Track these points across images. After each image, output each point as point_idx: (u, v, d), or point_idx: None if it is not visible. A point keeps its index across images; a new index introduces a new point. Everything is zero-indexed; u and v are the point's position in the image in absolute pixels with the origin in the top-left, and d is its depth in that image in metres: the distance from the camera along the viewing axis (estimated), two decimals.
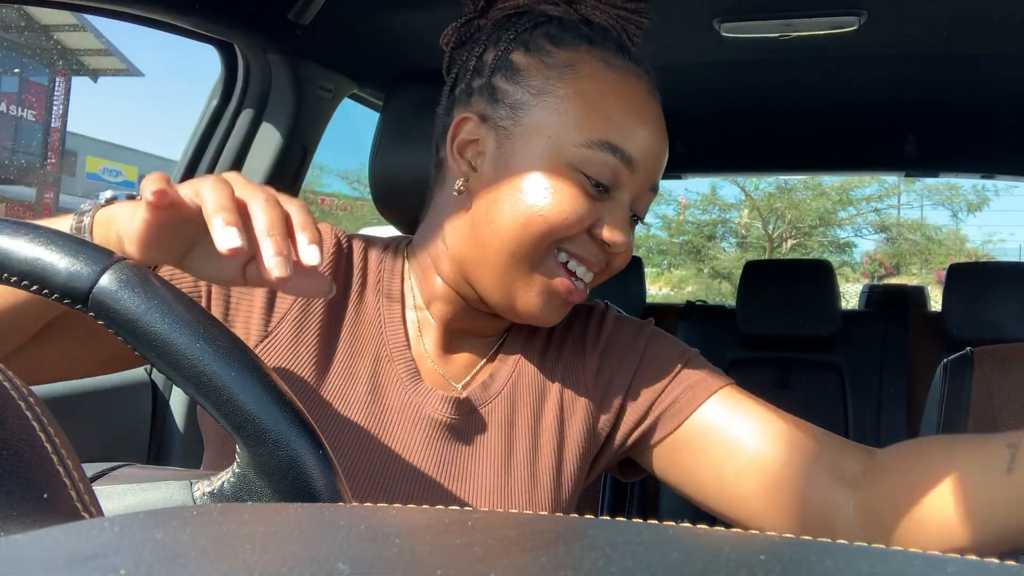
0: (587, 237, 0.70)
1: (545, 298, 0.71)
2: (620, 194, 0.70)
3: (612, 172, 0.68)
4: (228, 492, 0.44)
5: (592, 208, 0.69)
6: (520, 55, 0.71)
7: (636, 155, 0.69)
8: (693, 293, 14.62)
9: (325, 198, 14.99)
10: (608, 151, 0.68)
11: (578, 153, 0.68)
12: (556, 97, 0.69)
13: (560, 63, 0.70)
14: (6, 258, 0.41)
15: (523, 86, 0.70)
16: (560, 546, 0.23)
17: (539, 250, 0.69)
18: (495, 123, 0.71)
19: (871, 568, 0.21)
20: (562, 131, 0.68)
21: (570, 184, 0.68)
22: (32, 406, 0.33)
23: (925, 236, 15.32)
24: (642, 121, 0.70)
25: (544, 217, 0.67)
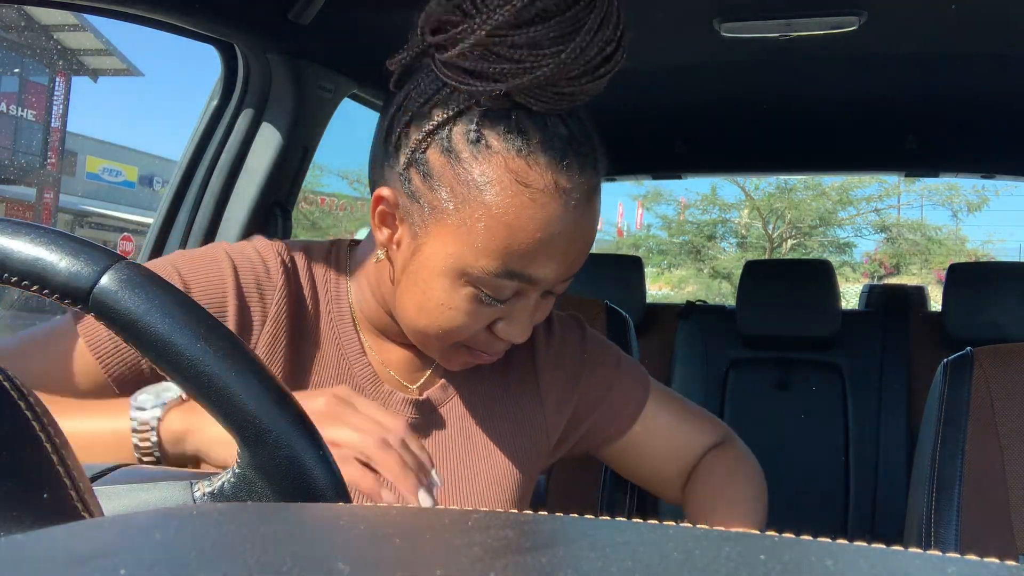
0: (485, 332, 0.72)
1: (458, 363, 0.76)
2: (521, 300, 0.70)
3: (512, 290, 0.68)
4: (228, 492, 0.44)
5: (488, 313, 0.70)
6: (436, 154, 0.66)
7: (538, 277, 0.67)
8: (693, 293, 14.61)
9: (325, 198, 14.98)
10: (507, 277, 0.66)
11: (477, 277, 0.66)
12: (460, 218, 0.65)
13: (471, 180, 0.64)
14: (6, 258, 0.41)
15: (435, 192, 0.66)
16: (560, 546, 0.23)
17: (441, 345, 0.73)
18: (409, 214, 0.69)
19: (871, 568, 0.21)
20: (463, 252, 0.66)
21: (467, 299, 0.68)
22: (32, 406, 0.33)
23: (925, 236, 15.30)
24: (548, 248, 0.66)
25: (439, 326, 0.70)
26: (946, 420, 1.11)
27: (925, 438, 1.15)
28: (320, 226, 14.64)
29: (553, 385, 0.86)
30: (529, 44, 0.61)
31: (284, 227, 1.55)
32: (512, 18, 0.60)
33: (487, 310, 0.69)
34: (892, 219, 15.52)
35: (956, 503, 1.07)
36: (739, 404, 2.55)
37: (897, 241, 15.71)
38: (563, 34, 0.61)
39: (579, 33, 0.61)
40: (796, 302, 2.46)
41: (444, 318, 0.69)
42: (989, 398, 1.10)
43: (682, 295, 14.64)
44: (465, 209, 0.65)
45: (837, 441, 2.45)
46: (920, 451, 1.18)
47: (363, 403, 0.61)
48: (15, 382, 0.34)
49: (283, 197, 1.55)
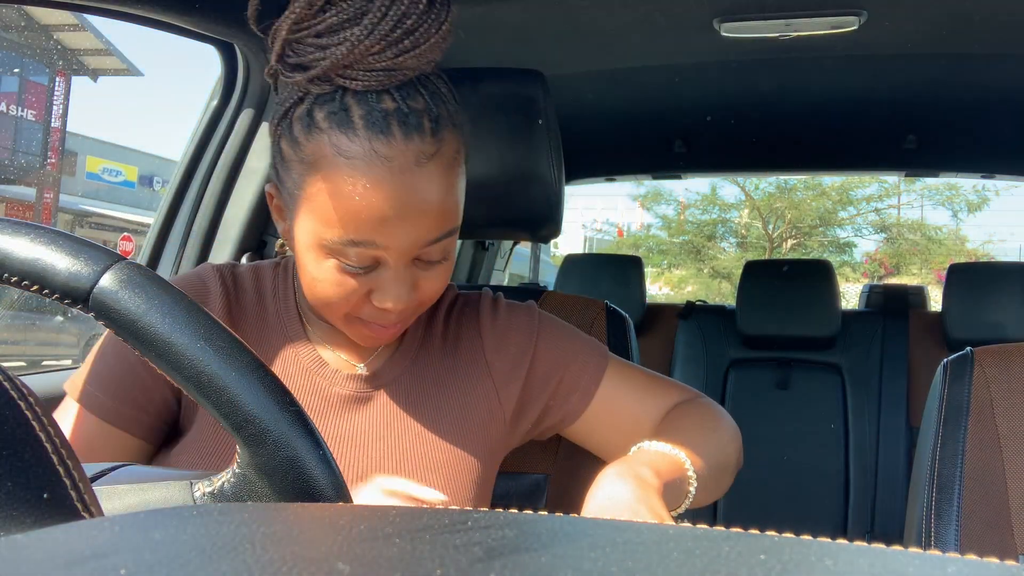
0: (368, 305, 0.75)
1: (360, 337, 0.79)
2: (385, 269, 0.73)
3: (366, 257, 0.72)
4: (228, 492, 0.44)
5: (359, 284, 0.73)
6: (285, 144, 0.73)
7: (382, 241, 0.70)
8: (693, 293, 14.62)
9: None
10: (355, 246, 0.70)
11: (330, 247, 0.71)
12: (306, 196, 0.72)
13: (306, 159, 0.71)
14: (7, 258, 0.41)
15: (289, 176, 0.73)
16: (560, 546, 0.23)
17: (331, 318, 0.77)
18: (284, 203, 0.77)
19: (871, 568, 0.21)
20: (315, 227, 0.72)
21: (332, 270, 0.73)
22: (32, 406, 0.33)
23: (925, 236, 15.30)
24: (380, 211, 0.69)
25: (318, 296, 0.75)
26: (946, 420, 1.11)
27: (925, 438, 1.15)
28: None
29: (502, 361, 0.89)
30: (328, 30, 0.68)
31: None
32: (307, 10, 0.68)
33: (355, 280, 0.73)
34: (892, 219, 15.52)
35: (956, 503, 1.07)
36: (739, 404, 2.55)
37: (897, 241, 15.71)
38: (354, 16, 0.67)
39: (368, 12, 0.67)
40: (796, 302, 2.46)
41: (319, 290, 0.74)
42: (989, 398, 1.10)
43: (682, 295, 14.65)
44: (307, 187, 0.71)
45: (837, 441, 2.45)
46: (920, 451, 1.18)
47: None
48: (15, 382, 0.34)
49: None
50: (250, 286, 0.86)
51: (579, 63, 1.61)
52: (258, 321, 0.85)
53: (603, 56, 1.67)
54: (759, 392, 2.53)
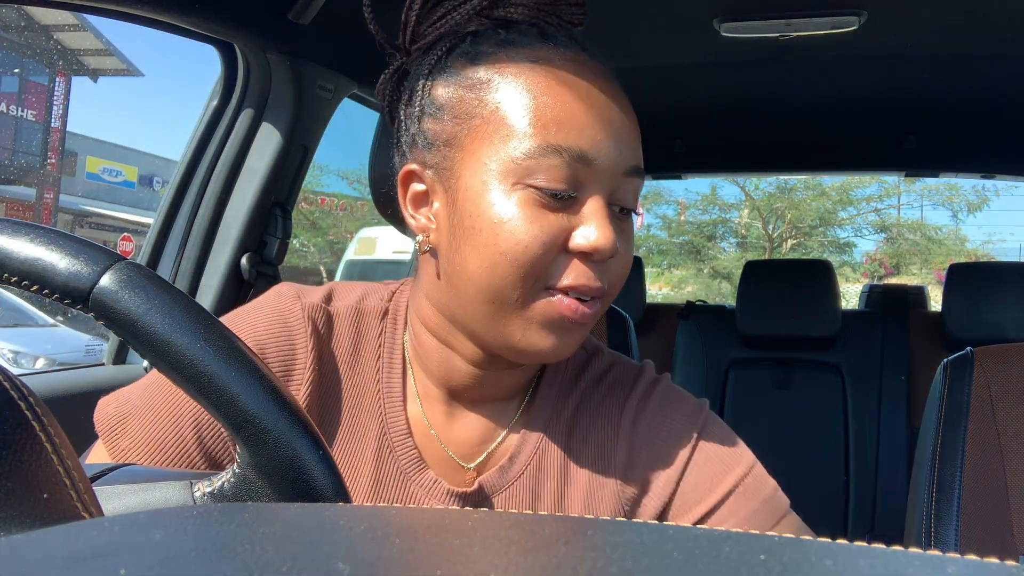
0: (567, 258, 0.60)
1: (547, 331, 0.61)
2: (588, 194, 0.61)
3: (567, 176, 0.59)
4: (228, 492, 0.44)
5: (556, 221, 0.60)
6: (441, 87, 0.64)
7: (587, 148, 0.60)
8: (693, 293, 14.62)
9: (325, 198, 14.99)
10: (552, 154, 0.59)
11: (521, 168, 0.59)
12: (482, 118, 0.61)
13: (480, 80, 0.62)
14: (6, 258, 0.41)
15: (449, 119, 0.63)
16: (560, 546, 0.23)
17: (518, 289, 0.60)
18: (437, 168, 0.64)
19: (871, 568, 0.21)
20: (498, 151, 0.60)
21: (524, 205, 0.59)
22: (32, 406, 0.33)
23: (925, 236, 15.31)
24: (584, 109, 0.60)
25: (504, 253, 0.59)
26: (946, 420, 1.11)
27: (925, 438, 1.15)
28: (320, 226, 14.65)
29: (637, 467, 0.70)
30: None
31: (284, 227, 1.55)
32: None
33: (554, 217, 0.59)
34: (892, 219, 15.53)
35: (956, 503, 1.07)
36: (739, 404, 2.55)
37: (897, 241, 15.72)
38: None
39: None
40: (796, 302, 2.46)
41: (506, 244, 0.59)
42: (989, 398, 1.10)
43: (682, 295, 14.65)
44: (483, 109, 0.61)
45: (837, 441, 2.45)
46: (920, 451, 1.18)
47: None
48: (15, 382, 0.34)
49: (283, 197, 1.55)
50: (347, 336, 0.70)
51: None
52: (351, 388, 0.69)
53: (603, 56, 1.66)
54: (759, 392, 2.53)
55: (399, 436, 0.69)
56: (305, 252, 15.16)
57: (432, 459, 0.69)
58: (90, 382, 1.34)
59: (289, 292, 0.71)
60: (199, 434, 0.65)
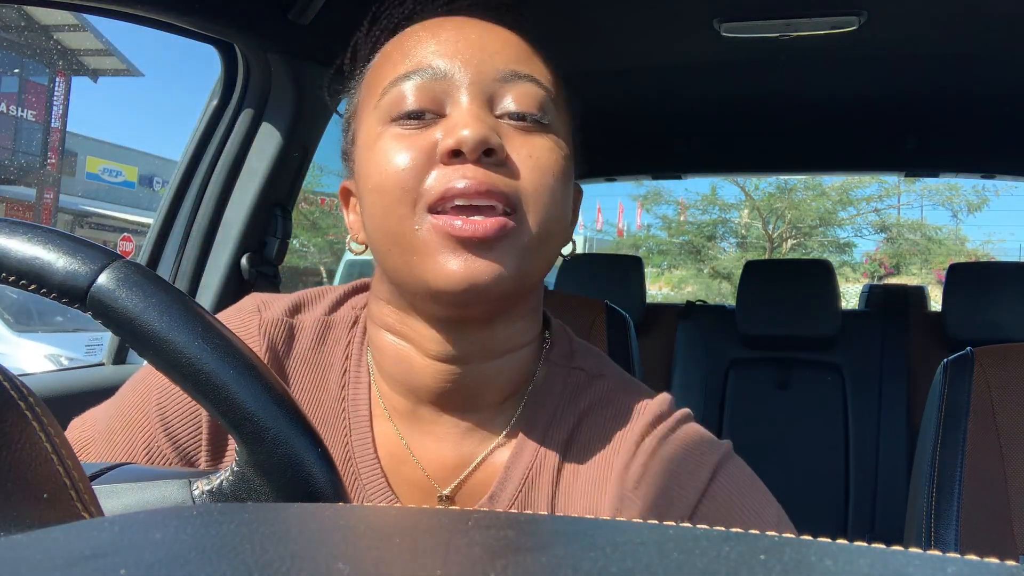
0: (437, 170, 0.56)
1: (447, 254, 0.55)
2: (452, 102, 0.58)
3: (420, 95, 0.58)
4: (227, 491, 0.44)
5: (420, 140, 0.57)
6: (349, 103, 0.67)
7: (433, 63, 0.58)
8: (693, 293, 14.62)
9: (325, 198, 14.99)
10: (401, 82, 0.58)
11: (379, 112, 0.59)
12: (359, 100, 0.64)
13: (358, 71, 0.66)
14: (4, 257, 0.41)
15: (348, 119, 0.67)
16: (560, 546, 0.23)
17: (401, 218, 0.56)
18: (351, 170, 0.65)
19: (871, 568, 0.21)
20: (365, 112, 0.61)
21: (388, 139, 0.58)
22: (32, 406, 0.33)
23: (925, 236, 15.32)
24: (424, 36, 0.60)
25: (381, 181, 0.57)
26: (946, 420, 1.11)
27: (925, 438, 1.15)
28: (320, 226, 14.66)
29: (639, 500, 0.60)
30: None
31: (284, 227, 1.55)
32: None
33: (414, 137, 0.57)
34: (892, 219, 15.54)
35: (956, 503, 1.07)
36: (739, 404, 2.55)
37: (897, 241, 15.73)
38: None
39: None
40: (796, 302, 2.46)
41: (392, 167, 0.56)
42: (989, 398, 1.10)
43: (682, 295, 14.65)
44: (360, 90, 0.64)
45: (837, 441, 2.45)
46: (920, 451, 1.18)
47: None
48: (15, 382, 0.34)
49: (283, 197, 1.55)
50: (309, 351, 0.66)
51: (579, 63, 1.61)
52: (313, 409, 0.65)
53: (603, 56, 1.67)
54: (759, 392, 2.53)
55: (364, 461, 0.63)
56: (305, 252, 15.16)
57: (401, 484, 0.63)
58: (90, 382, 1.34)
59: (250, 306, 0.68)
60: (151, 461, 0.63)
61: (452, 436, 0.63)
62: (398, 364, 0.62)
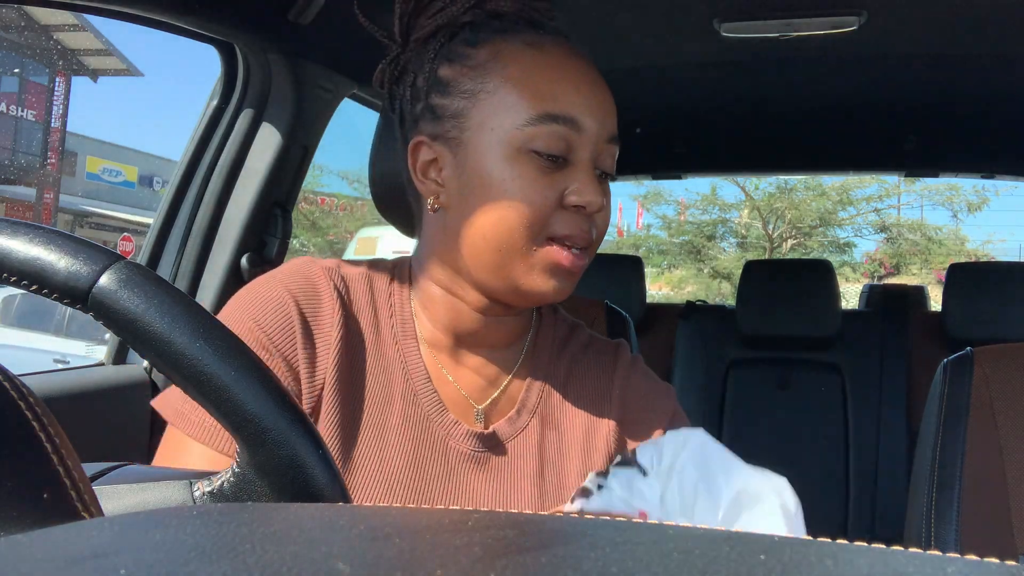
0: (563, 212, 0.71)
1: (548, 275, 0.72)
2: (578, 157, 0.71)
3: (561, 140, 0.70)
4: (228, 492, 0.44)
5: (553, 182, 0.70)
6: (446, 68, 0.73)
7: (578, 116, 0.71)
8: (693, 293, 14.62)
9: (325, 198, 14.99)
10: (550, 122, 0.70)
11: (523, 134, 0.70)
12: (487, 92, 0.71)
13: (482, 60, 0.72)
14: (5, 257, 0.41)
15: (456, 95, 0.73)
16: (560, 546, 0.23)
17: (524, 239, 0.70)
18: (444, 137, 0.73)
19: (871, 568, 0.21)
20: (503, 120, 0.70)
21: (526, 166, 0.70)
22: (32, 406, 0.33)
23: (925, 236, 15.31)
24: (575, 84, 0.72)
25: (513, 207, 0.70)
26: (946, 420, 1.11)
27: (925, 438, 1.15)
28: (320, 226, 14.66)
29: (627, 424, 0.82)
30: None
31: (284, 227, 1.55)
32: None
33: (551, 178, 0.70)
34: (892, 219, 15.53)
35: (956, 503, 1.07)
36: (739, 404, 2.55)
37: (897, 241, 15.72)
38: None
39: None
40: (796, 302, 2.46)
41: (516, 199, 0.69)
42: (989, 398, 1.10)
43: (682, 295, 14.64)
44: (487, 84, 0.71)
45: (837, 441, 2.45)
46: (920, 451, 1.18)
47: None
48: (15, 382, 0.34)
49: (283, 197, 1.55)
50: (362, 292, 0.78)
51: None
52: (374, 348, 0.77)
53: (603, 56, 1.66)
54: (759, 392, 2.53)
55: (420, 381, 0.76)
56: (305, 252, 15.15)
57: (448, 401, 0.77)
58: (90, 382, 1.34)
59: (305, 259, 0.79)
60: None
61: (480, 366, 0.80)
62: (447, 312, 0.77)
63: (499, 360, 0.80)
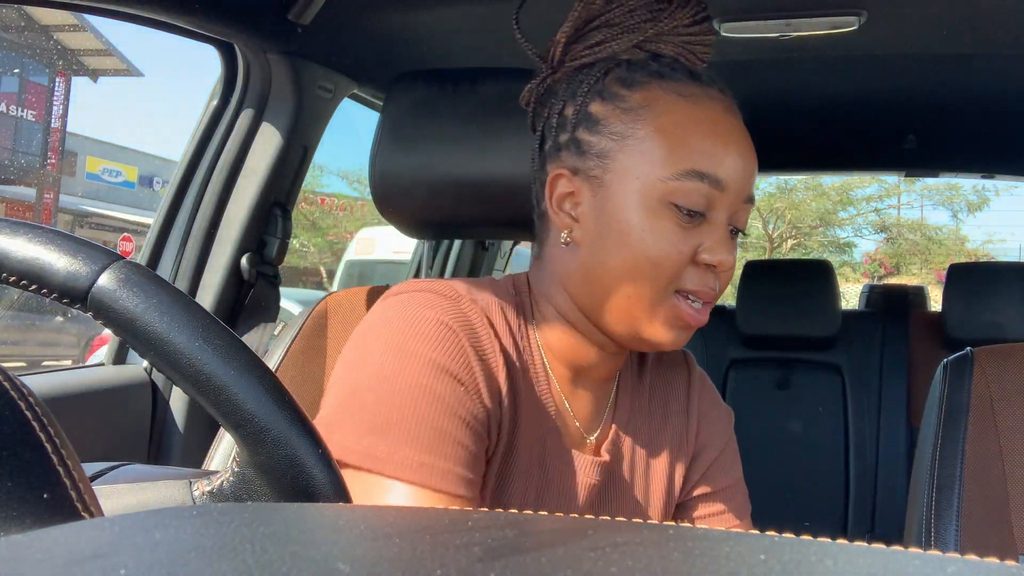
0: (693, 267, 0.72)
1: (669, 327, 0.73)
2: (715, 215, 0.72)
3: (703, 198, 0.71)
4: (227, 491, 0.44)
5: (689, 237, 0.71)
6: (598, 105, 0.74)
7: (723, 176, 0.71)
8: None
9: (325, 198, 14.98)
10: (695, 179, 0.70)
11: (667, 187, 0.70)
12: (637, 139, 0.71)
13: (636, 105, 0.72)
14: (5, 258, 0.41)
15: (605, 135, 0.73)
16: (560, 546, 0.23)
17: (654, 291, 0.71)
18: (586, 174, 0.74)
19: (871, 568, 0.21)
20: (649, 170, 0.71)
21: (665, 220, 0.70)
22: (32, 406, 0.33)
23: (925, 236, 15.31)
24: (724, 143, 0.72)
25: (648, 258, 0.70)
26: (946, 420, 1.11)
27: (925, 438, 1.15)
28: (320, 226, 14.65)
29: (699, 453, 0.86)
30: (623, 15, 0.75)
31: (284, 227, 1.55)
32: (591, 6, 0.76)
33: (688, 233, 0.71)
34: (892, 219, 15.52)
35: (956, 503, 1.07)
36: (739, 404, 2.53)
37: (897, 241, 15.72)
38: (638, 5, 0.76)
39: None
40: (796, 302, 2.46)
41: (652, 251, 0.70)
42: (989, 398, 1.10)
43: None
44: (637, 131, 0.72)
45: (837, 441, 2.45)
46: (920, 451, 1.18)
47: None
48: (15, 382, 0.34)
49: (283, 197, 1.55)
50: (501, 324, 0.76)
51: None
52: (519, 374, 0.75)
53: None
54: (759, 392, 2.53)
55: (553, 413, 0.77)
56: (305, 252, 15.15)
57: (568, 436, 0.79)
58: (90, 382, 1.34)
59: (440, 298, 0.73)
60: None
61: (591, 397, 0.81)
62: (570, 346, 0.78)
63: (603, 390, 0.83)
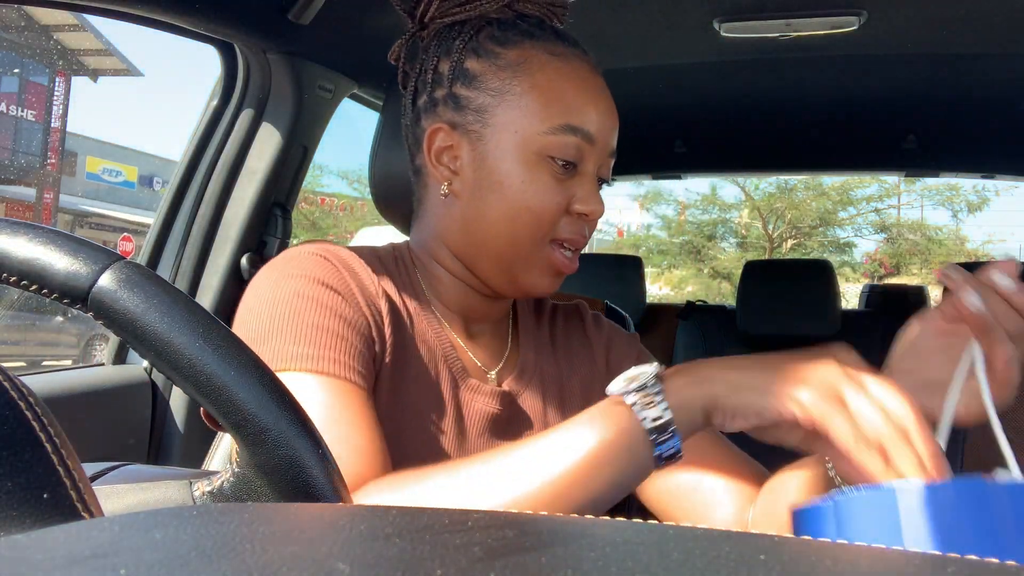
0: (567, 217, 0.77)
1: (544, 274, 0.78)
2: (585, 167, 0.77)
3: (576, 150, 0.75)
4: (227, 491, 0.44)
5: (563, 188, 0.76)
6: (473, 61, 0.77)
7: (593, 130, 0.76)
8: (693, 293, 14.61)
9: (325, 198, 14.98)
10: (569, 132, 0.75)
11: (544, 141, 0.74)
12: (514, 95, 0.75)
13: (511, 62, 0.76)
14: (5, 258, 0.41)
15: (483, 90, 0.76)
16: (560, 546, 0.23)
17: (532, 241, 0.76)
18: (465, 128, 0.77)
19: (871, 568, 0.21)
20: (527, 124, 0.75)
21: (542, 172, 0.75)
22: (32, 406, 0.33)
23: (925, 236, 15.29)
24: (594, 99, 0.77)
25: (528, 208, 0.75)
26: None
27: None
28: (320, 226, 14.65)
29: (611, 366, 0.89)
30: None
31: (284, 227, 1.55)
32: None
33: (562, 185, 0.75)
34: (892, 219, 15.52)
35: None
36: None
37: (897, 241, 15.71)
38: None
39: None
40: (796, 302, 2.46)
41: (531, 202, 0.74)
42: None
43: (682, 295, 14.64)
44: (514, 87, 0.75)
45: None
46: None
47: (871, 382, 0.58)
48: (15, 382, 0.34)
49: (283, 197, 1.55)
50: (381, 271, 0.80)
51: None
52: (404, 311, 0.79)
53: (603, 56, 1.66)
54: None
55: (447, 350, 0.81)
56: None
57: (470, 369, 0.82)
58: (90, 382, 1.34)
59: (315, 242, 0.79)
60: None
61: (485, 338, 0.86)
62: (456, 293, 0.83)
63: (498, 332, 0.87)
